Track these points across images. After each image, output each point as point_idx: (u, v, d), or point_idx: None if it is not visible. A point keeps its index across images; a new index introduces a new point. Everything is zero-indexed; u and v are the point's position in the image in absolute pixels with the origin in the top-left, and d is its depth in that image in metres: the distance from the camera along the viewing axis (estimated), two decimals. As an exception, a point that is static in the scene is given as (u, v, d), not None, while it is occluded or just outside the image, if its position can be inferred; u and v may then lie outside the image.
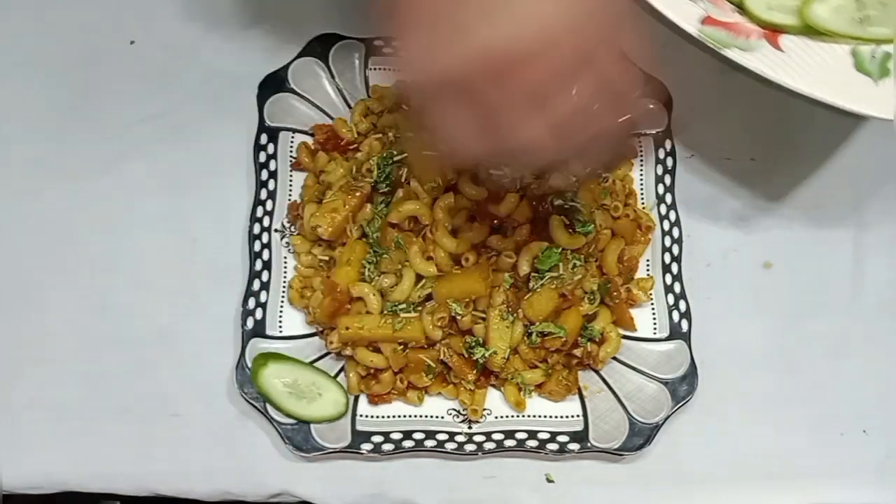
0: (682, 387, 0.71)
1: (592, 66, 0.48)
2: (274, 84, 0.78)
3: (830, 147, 0.80)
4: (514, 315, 0.69)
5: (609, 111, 0.52)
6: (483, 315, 0.69)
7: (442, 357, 0.70)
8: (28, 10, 0.84)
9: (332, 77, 0.80)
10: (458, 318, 0.69)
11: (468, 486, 0.71)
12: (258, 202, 0.76)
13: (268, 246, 0.75)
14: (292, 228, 0.76)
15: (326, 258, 0.73)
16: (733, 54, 0.65)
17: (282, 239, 0.76)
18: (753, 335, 0.75)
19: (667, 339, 0.73)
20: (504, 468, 0.71)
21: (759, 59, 0.65)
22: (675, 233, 0.76)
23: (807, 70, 0.65)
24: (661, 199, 0.77)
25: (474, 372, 0.70)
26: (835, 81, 0.65)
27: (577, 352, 0.71)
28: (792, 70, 0.65)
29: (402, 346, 0.70)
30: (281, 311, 0.74)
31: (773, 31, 0.68)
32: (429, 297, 0.70)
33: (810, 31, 0.67)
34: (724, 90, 0.81)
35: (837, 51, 0.67)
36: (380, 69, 0.80)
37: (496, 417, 0.72)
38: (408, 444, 0.70)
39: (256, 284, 0.74)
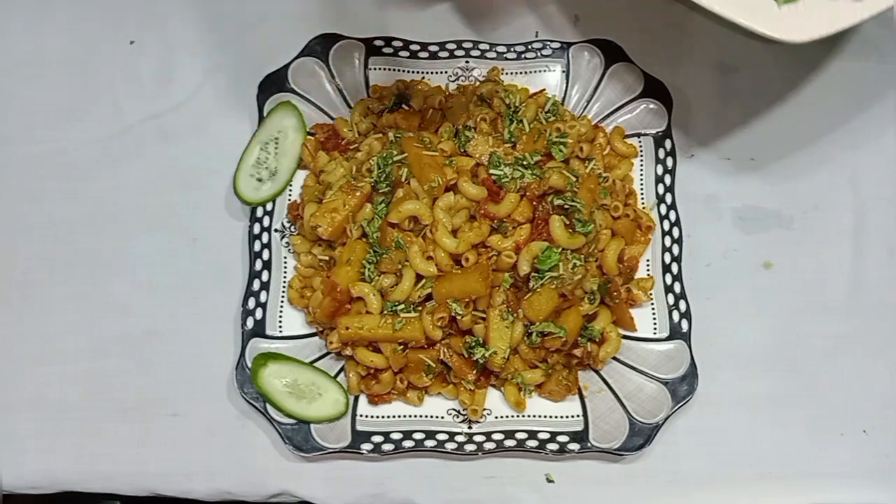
0: (682, 387, 0.71)
1: None
2: (274, 84, 0.78)
3: (830, 147, 0.80)
4: (514, 315, 0.69)
5: None
6: (483, 315, 0.69)
7: (442, 357, 0.70)
8: (29, 10, 0.84)
9: (332, 77, 0.80)
10: (458, 318, 0.69)
11: (468, 486, 0.71)
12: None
13: (268, 246, 0.75)
14: (292, 228, 0.76)
15: (326, 258, 0.73)
16: None
17: (282, 239, 0.76)
18: (753, 335, 0.75)
19: (667, 339, 0.73)
20: (504, 468, 0.71)
21: None
22: (675, 233, 0.76)
23: None
24: (661, 199, 0.77)
25: (474, 372, 0.70)
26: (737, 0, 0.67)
27: (577, 352, 0.71)
28: None
29: (402, 346, 0.70)
30: (281, 311, 0.74)
31: None
32: (429, 297, 0.70)
33: None
34: (724, 90, 0.81)
35: None
36: (380, 69, 0.80)
37: (496, 417, 0.72)
38: (408, 444, 0.70)
39: (256, 284, 0.74)
